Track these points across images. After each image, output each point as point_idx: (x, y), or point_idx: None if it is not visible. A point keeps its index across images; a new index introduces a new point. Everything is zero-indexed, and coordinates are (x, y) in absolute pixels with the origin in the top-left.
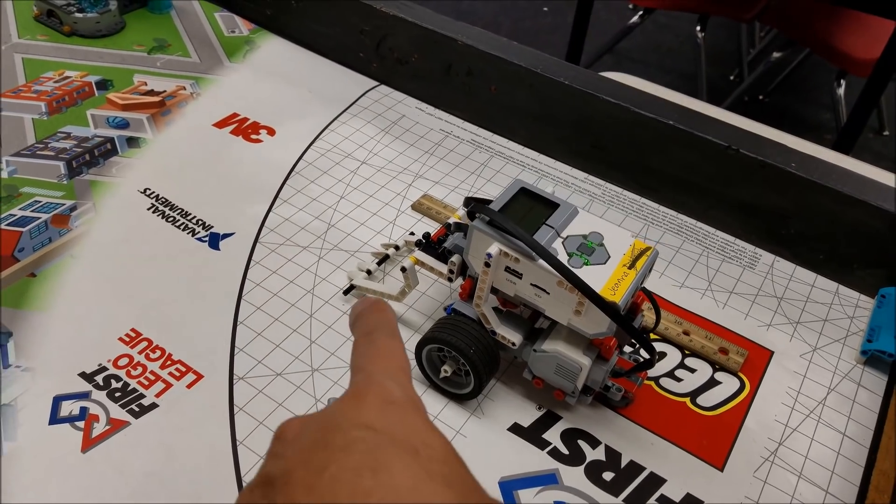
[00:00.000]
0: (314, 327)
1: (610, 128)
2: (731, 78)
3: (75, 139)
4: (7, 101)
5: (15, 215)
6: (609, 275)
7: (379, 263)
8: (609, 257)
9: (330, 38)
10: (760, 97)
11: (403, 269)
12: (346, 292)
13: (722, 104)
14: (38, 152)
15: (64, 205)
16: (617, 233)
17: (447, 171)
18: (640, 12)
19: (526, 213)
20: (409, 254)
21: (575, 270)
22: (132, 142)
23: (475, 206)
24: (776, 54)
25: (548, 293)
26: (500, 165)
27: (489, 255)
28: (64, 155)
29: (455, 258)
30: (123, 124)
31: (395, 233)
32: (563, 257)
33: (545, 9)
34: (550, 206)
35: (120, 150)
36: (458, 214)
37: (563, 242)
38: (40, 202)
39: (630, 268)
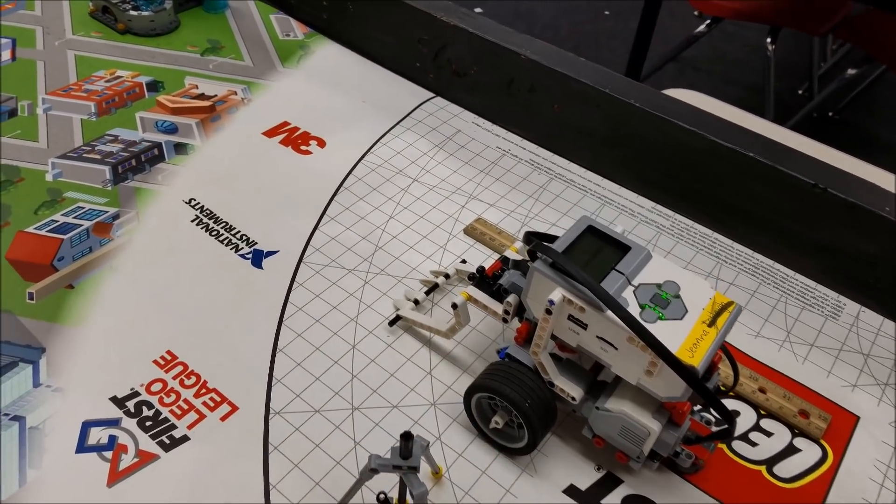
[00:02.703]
0: (356, 360)
1: (683, 155)
2: (800, 92)
3: (123, 143)
4: (57, 99)
5: (57, 221)
6: (686, 333)
7: (427, 293)
8: (686, 312)
9: (386, 46)
10: (830, 114)
11: (454, 306)
12: (391, 323)
13: (790, 120)
14: (84, 155)
15: (107, 212)
16: (695, 283)
17: (503, 193)
18: (708, 21)
19: (593, 255)
20: (460, 283)
21: (648, 326)
22: (180, 148)
23: (537, 244)
24: (851, 71)
25: (616, 348)
26: (560, 189)
27: (551, 302)
28: (110, 159)
29: (512, 298)
30: (172, 129)
31: (446, 259)
32: (634, 309)
33: (606, 12)
34: (621, 248)
35: (167, 157)
36: (516, 247)
37: (634, 292)
38: (83, 209)
39: (710, 325)
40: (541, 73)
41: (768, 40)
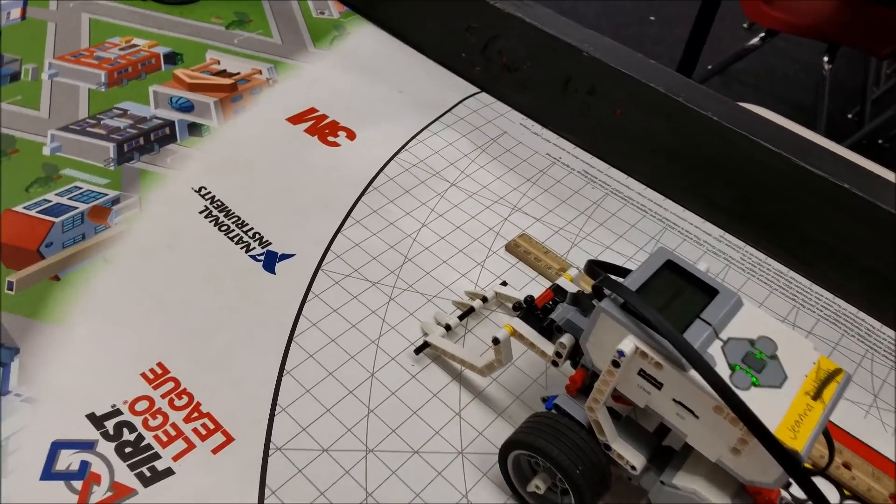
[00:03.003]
0: (375, 391)
1: (762, 180)
2: (850, 116)
3: (132, 118)
4: (65, 65)
5: (50, 201)
6: (787, 405)
7: (461, 317)
8: (786, 378)
9: (430, 32)
10: (880, 141)
11: (496, 341)
12: (417, 350)
13: (839, 143)
14: (88, 129)
15: (106, 195)
16: (794, 341)
17: (551, 207)
18: (762, 35)
19: (673, 297)
20: (497, 308)
21: (740, 393)
22: (194, 129)
23: (606, 280)
24: None
25: (696, 417)
26: (615, 207)
27: (621, 354)
28: (116, 136)
29: (566, 340)
30: (187, 107)
31: (484, 278)
32: (723, 370)
33: (651, 18)
34: (706, 291)
35: (179, 137)
36: (570, 275)
37: (723, 348)
38: (80, 189)
39: (815, 398)
40: (604, 73)
41: (825, 59)
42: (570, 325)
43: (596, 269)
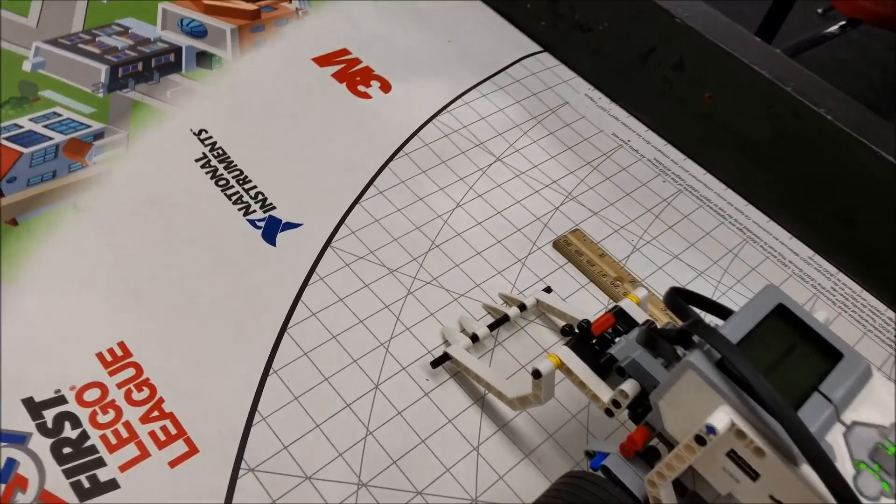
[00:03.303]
0: (377, 408)
1: (875, 199)
2: None
3: (133, 38)
4: None
5: (21, 127)
6: None
7: (492, 326)
8: None
9: None
10: None
11: (537, 375)
12: (435, 363)
13: None
14: (80, 45)
15: (89, 128)
16: None
17: (612, 200)
18: (842, 23)
19: (783, 356)
20: (536, 319)
21: (865, 502)
22: (203, 59)
23: (698, 325)
24: None
25: None
26: (688, 208)
27: (711, 430)
28: (111, 57)
29: (629, 387)
30: (200, 32)
31: (524, 279)
32: (843, 466)
33: None
34: (827, 353)
35: (185, 67)
36: (637, 297)
37: (845, 435)
38: (59, 116)
39: None
40: (697, 45)
41: None
42: (636, 369)
43: (681, 302)
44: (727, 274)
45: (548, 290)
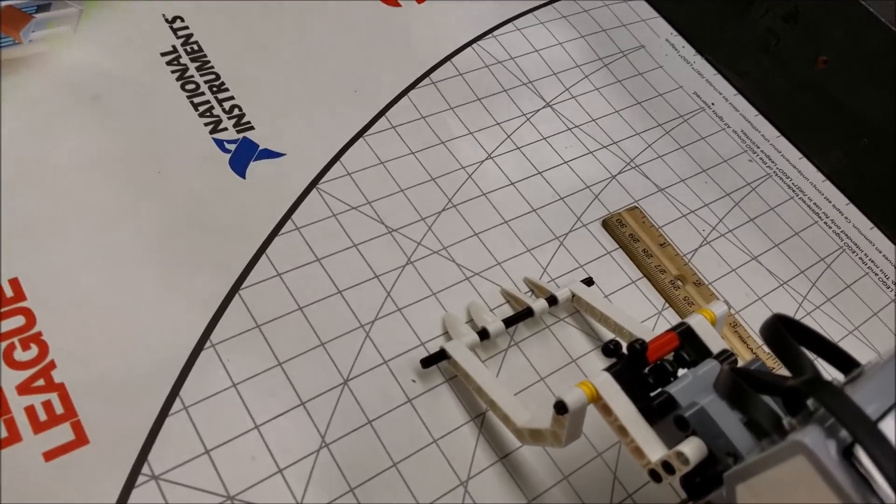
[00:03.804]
0: (341, 411)
1: None
2: None
3: None
4: None
5: None
6: None
7: (510, 322)
8: None
9: None
10: None
11: (562, 409)
12: (426, 362)
13: None
14: None
15: None
16: None
17: (685, 175)
18: None
19: None
20: (568, 316)
21: None
22: None
23: (818, 384)
24: None
25: None
26: (775, 197)
27: None
28: None
29: (692, 450)
30: None
31: (559, 263)
32: None
33: None
34: None
35: None
36: (712, 313)
37: None
38: None
39: None
40: None
41: None
42: (705, 425)
43: (790, 341)
44: (815, 289)
45: (588, 281)
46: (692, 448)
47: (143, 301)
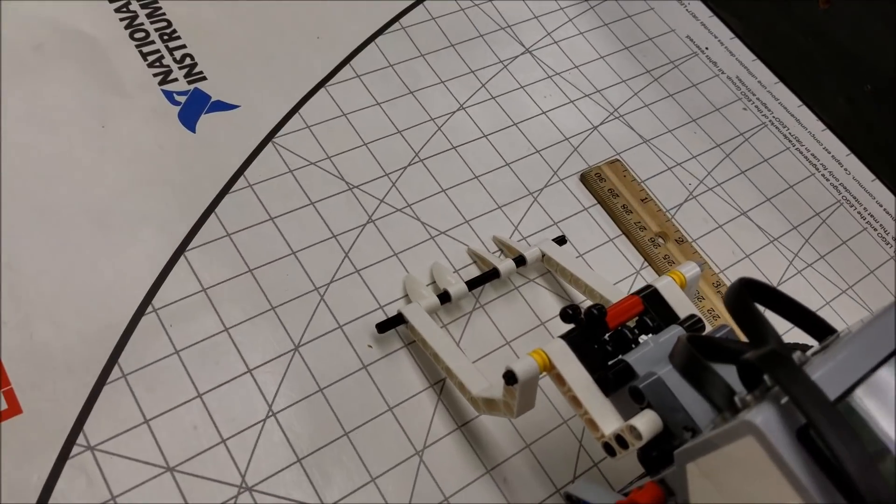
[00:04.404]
0: (290, 379)
1: None
2: None
3: None
4: None
5: None
6: None
7: (474, 283)
8: None
9: None
10: None
11: (511, 379)
12: (382, 326)
13: None
14: None
15: None
16: None
17: (672, 125)
18: None
19: None
20: (538, 277)
21: None
22: None
23: (772, 359)
24: None
25: None
26: (770, 149)
27: None
28: None
29: (645, 424)
30: None
31: (531, 220)
32: None
33: None
34: None
35: None
36: (682, 274)
37: None
38: None
39: None
40: None
41: None
42: (661, 396)
43: (754, 310)
44: (808, 245)
45: (560, 240)
46: (645, 422)
47: (81, 263)
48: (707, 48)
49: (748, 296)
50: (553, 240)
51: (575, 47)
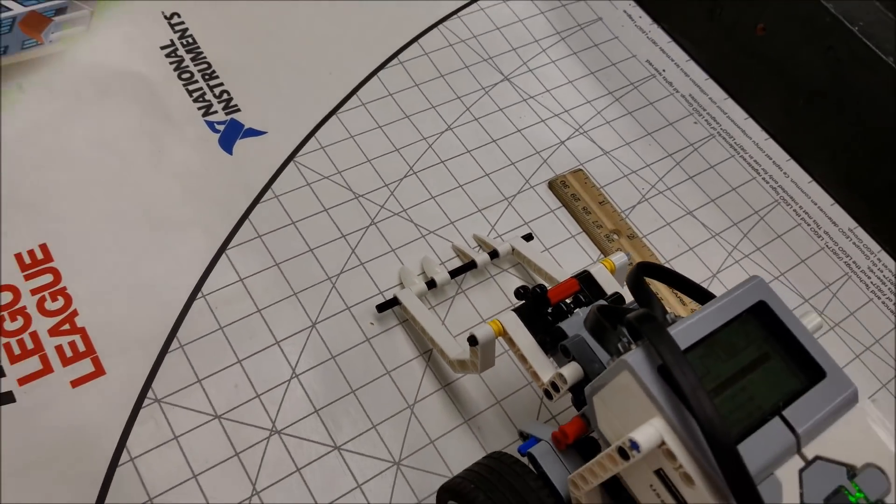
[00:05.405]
0: (309, 349)
1: None
2: None
3: None
4: None
5: None
6: None
7: (455, 273)
8: None
9: None
10: None
11: (473, 342)
12: (381, 307)
13: None
14: None
15: (52, 1)
16: None
17: (630, 139)
18: None
19: (751, 367)
20: (511, 268)
21: None
22: None
23: (641, 316)
24: None
25: None
26: (717, 156)
27: (635, 446)
28: None
29: (570, 372)
30: None
31: (507, 220)
32: None
33: None
34: (805, 369)
35: None
36: (612, 262)
37: (801, 472)
38: None
39: None
40: None
41: None
42: (580, 351)
43: (644, 285)
44: (746, 239)
45: (528, 237)
46: (570, 370)
47: (146, 260)
48: (664, 70)
49: (642, 276)
50: (522, 237)
51: (547, 74)
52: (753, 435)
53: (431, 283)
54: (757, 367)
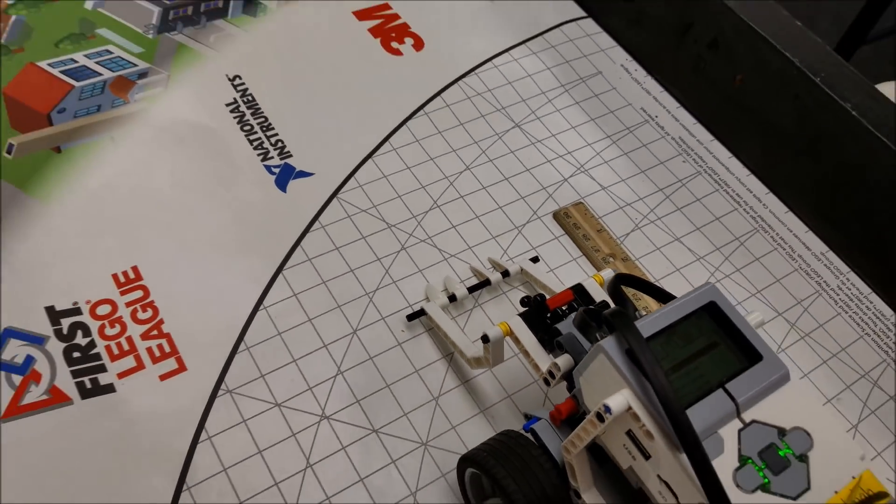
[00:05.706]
0: (351, 351)
1: (892, 198)
2: None
3: None
4: None
5: (76, 62)
6: None
7: (473, 289)
8: (807, 489)
9: None
10: None
11: (485, 340)
12: (410, 317)
13: None
14: None
15: (135, 66)
16: (838, 441)
17: (625, 175)
18: None
19: (702, 352)
20: (520, 286)
21: (738, 496)
22: (250, 6)
23: (616, 316)
24: None
25: None
26: (704, 191)
27: (607, 410)
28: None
29: (563, 361)
30: None
31: (517, 246)
32: (727, 460)
33: None
34: (747, 353)
35: (231, 13)
36: (601, 277)
37: (740, 432)
38: (111, 54)
39: None
40: (732, 26)
41: None
42: (571, 345)
43: (621, 290)
44: (728, 262)
45: (535, 259)
46: (562, 360)
47: (218, 279)
48: (657, 116)
49: (618, 284)
50: (529, 259)
51: (552, 121)
52: (701, 402)
53: (452, 298)
54: (707, 352)
